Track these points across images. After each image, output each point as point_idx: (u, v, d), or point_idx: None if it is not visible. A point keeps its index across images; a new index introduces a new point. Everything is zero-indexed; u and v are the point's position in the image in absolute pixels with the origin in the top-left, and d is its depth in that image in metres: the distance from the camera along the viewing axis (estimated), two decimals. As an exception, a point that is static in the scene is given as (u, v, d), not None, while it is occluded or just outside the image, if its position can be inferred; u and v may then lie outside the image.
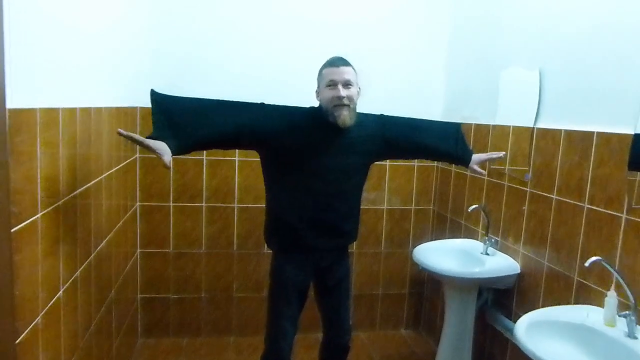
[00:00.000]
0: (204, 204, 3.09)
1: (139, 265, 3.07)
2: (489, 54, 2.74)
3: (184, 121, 1.84)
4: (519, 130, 2.42)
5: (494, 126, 2.64)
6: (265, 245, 2.28)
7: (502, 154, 2.30)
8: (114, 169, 2.31)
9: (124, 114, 2.53)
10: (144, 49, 2.84)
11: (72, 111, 1.66)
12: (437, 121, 2.57)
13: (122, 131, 1.62)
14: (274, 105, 2.00)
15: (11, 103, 1.11)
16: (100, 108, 2.06)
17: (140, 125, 2.87)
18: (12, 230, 1.17)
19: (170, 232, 3.08)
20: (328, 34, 3.03)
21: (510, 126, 2.50)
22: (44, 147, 1.39)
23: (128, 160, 2.71)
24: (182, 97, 1.91)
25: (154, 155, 1.68)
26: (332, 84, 1.92)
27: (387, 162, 3.27)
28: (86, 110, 1.84)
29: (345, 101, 1.92)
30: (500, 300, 2.53)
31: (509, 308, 2.46)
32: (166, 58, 2.89)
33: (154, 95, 1.86)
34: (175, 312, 3.19)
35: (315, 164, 1.98)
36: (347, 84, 1.93)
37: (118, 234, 2.45)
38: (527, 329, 1.66)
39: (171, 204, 3.05)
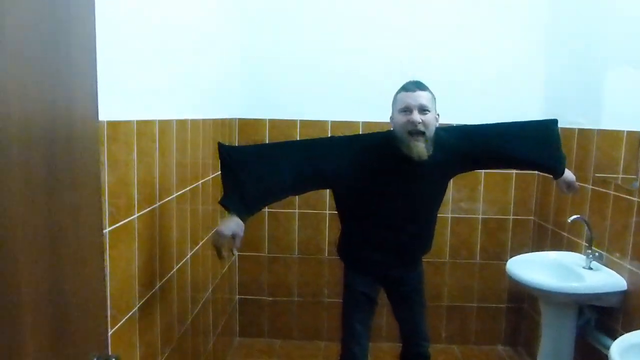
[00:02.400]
0: (296, 210, 3.20)
1: (237, 267, 3.25)
2: (591, 53, 2.55)
3: (251, 180, 1.79)
4: (630, 135, 2.21)
5: (600, 131, 2.44)
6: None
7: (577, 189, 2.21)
8: (211, 176, 2.49)
9: (221, 125, 2.71)
10: (239, 63, 3.03)
11: (168, 122, 1.83)
12: (530, 123, 2.27)
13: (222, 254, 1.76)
14: (343, 138, 1.99)
15: (106, 116, 1.26)
16: (198, 120, 2.24)
17: (238, 133, 3.08)
18: (107, 230, 1.32)
19: (265, 237, 3.23)
20: (421, 42, 3.01)
21: (620, 131, 2.29)
22: (140, 155, 1.55)
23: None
24: (248, 148, 1.94)
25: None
26: (407, 109, 1.82)
27: (482, 172, 3.14)
28: (183, 122, 2.01)
29: (421, 127, 1.79)
30: (605, 321, 2.32)
31: (614, 330, 2.24)
32: (259, 71, 3.07)
33: (222, 151, 1.83)
34: (270, 314, 3.32)
35: (387, 195, 1.93)
36: (423, 110, 1.81)
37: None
38: (622, 352, 1.51)
39: (266, 209, 3.19)
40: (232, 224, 1.71)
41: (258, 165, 1.83)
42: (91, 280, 1.08)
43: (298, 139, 3.06)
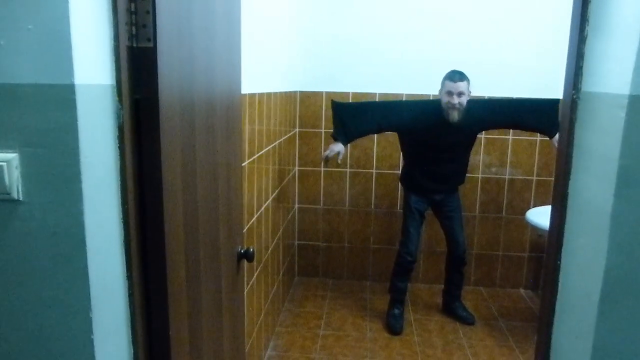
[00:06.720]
0: (347, 170, 3.76)
1: (296, 217, 3.85)
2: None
3: (350, 124, 2.94)
4: None
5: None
6: (398, 204, 3.51)
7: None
8: (280, 140, 3.07)
9: (286, 97, 3.28)
10: (300, 44, 3.58)
11: (263, 95, 2.41)
12: (534, 99, 3.21)
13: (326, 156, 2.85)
14: (410, 102, 3.28)
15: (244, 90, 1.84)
16: (271, 93, 2.82)
17: (299, 104, 3.65)
18: (243, 164, 1.92)
19: (321, 192, 3.81)
20: (459, 31, 3.49)
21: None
22: (255, 118, 2.14)
23: (290, 134, 3.47)
24: (350, 103, 3.17)
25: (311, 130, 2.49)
26: (450, 93, 2.80)
27: (510, 137, 3.62)
28: (269, 94, 2.59)
29: (457, 106, 2.81)
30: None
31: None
32: (317, 49, 3.62)
33: (333, 105, 3.01)
34: (324, 258, 3.93)
35: (433, 140, 2.97)
36: (460, 94, 2.79)
37: (283, 191, 3.22)
38: None
39: (322, 169, 3.77)
40: (339, 146, 2.87)
41: (356, 115, 2.97)
42: (238, 194, 1.67)
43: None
